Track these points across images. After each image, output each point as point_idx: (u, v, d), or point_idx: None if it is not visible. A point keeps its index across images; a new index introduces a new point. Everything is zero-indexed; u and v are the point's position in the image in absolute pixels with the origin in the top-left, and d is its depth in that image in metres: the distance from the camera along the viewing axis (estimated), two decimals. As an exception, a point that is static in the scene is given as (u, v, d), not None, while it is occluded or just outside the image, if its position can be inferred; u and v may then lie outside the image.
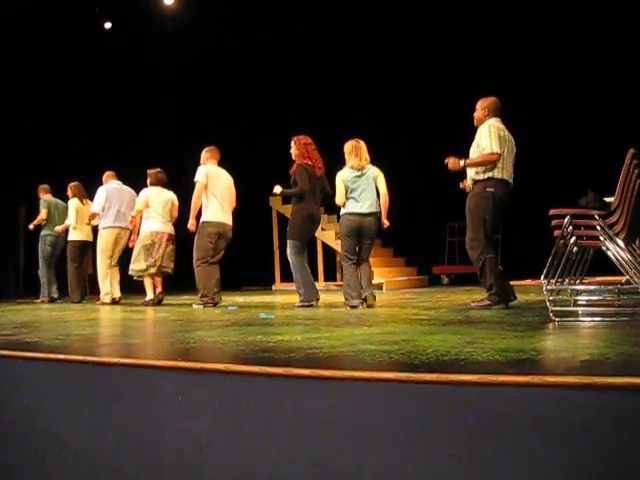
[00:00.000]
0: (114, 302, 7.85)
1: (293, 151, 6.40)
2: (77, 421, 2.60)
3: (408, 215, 10.80)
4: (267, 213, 11.58)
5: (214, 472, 2.21)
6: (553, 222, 4.03)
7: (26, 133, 11.34)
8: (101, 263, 7.91)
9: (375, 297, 5.76)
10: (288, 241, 6.23)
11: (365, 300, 5.63)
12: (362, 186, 5.73)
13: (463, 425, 1.87)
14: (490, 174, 4.88)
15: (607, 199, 4.31)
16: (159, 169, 7.62)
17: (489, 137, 4.86)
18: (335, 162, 6.50)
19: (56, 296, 9.04)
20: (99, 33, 11.88)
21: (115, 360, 2.68)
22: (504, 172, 4.89)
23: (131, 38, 11.48)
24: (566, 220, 3.85)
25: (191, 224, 6.71)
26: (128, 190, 8.15)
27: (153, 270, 7.25)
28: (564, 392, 1.81)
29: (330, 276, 11.09)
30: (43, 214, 9.00)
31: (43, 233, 9.04)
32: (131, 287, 8.67)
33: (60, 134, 11.50)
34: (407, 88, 10.40)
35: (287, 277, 11.41)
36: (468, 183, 5.07)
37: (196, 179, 6.66)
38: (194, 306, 6.57)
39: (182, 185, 7.78)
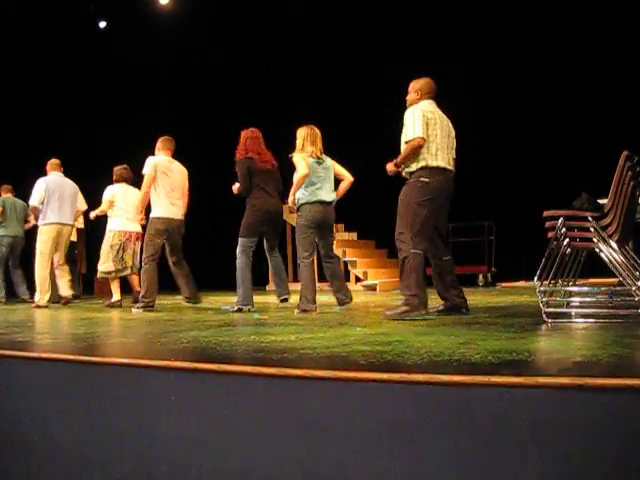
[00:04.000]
0: (67, 302, 7.44)
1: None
2: (69, 421, 2.59)
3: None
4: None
5: (207, 472, 2.21)
6: (547, 224, 4.04)
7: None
8: (41, 263, 7.29)
9: (352, 298, 5.62)
10: (239, 239, 5.84)
11: (342, 302, 5.54)
12: (323, 176, 5.43)
13: (456, 426, 1.87)
14: (423, 163, 4.40)
15: (601, 201, 4.32)
16: (125, 165, 7.27)
17: (411, 123, 4.40)
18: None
19: (26, 297, 8.60)
20: (94, 31, 11.86)
21: (108, 360, 2.66)
22: (439, 159, 4.42)
23: (126, 37, 11.45)
24: (560, 222, 3.85)
25: (141, 218, 6.45)
26: (70, 183, 7.61)
27: (126, 272, 7.02)
28: (557, 393, 1.81)
29: (320, 276, 11.04)
30: None
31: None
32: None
33: (51, 132, 11.45)
34: (397, 88, 10.37)
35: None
36: (404, 175, 4.61)
37: (144, 172, 6.12)
38: (133, 310, 6.03)
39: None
